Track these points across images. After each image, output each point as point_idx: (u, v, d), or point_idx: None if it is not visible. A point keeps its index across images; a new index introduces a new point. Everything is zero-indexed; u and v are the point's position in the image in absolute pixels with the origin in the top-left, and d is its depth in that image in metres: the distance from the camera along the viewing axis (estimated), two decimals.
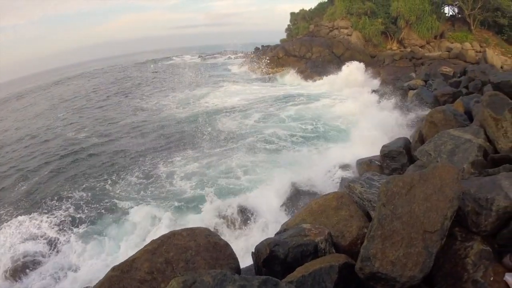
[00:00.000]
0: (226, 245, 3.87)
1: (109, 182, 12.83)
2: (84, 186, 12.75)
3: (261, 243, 4.18)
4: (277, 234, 5.02)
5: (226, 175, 11.88)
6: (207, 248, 3.69)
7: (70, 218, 10.57)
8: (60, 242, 9.38)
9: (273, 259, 3.99)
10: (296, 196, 7.78)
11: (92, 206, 11.15)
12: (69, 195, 12.08)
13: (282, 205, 7.84)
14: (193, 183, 11.82)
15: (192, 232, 3.84)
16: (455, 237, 3.80)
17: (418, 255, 3.30)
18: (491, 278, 3.24)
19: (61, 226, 10.16)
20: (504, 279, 3.18)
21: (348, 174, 8.80)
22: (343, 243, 4.46)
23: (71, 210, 11.07)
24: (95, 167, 14.62)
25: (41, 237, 9.61)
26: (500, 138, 5.88)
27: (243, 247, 7.00)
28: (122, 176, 13.20)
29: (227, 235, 7.40)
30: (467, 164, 5.55)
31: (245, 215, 8.23)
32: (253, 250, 4.23)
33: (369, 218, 4.58)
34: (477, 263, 3.44)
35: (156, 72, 49.54)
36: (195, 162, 13.48)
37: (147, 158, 14.77)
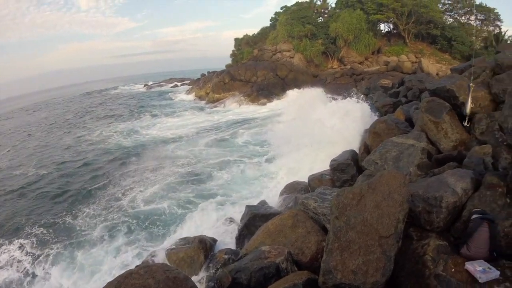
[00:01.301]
0: (186, 278, 3.69)
1: (68, 216, 12.09)
2: (42, 222, 11.90)
3: (222, 271, 4.08)
4: (237, 260, 4.92)
5: (183, 204, 11.55)
6: (167, 284, 3.48)
7: (29, 257, 9.86)
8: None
9: (236, 286, 3.89)
10: (253, 219, 7.70)
11: (53, 242, 10.45)
12: (29, 231, 11.28)
13: (240, 230, 7.75)
14: (151, 211, 11.42)
15: (149, 270, 3.63)
16: (411, 237, 3.95)
17: (377, 260, 3.37)
18: (453, 270, 3.38)
19: (19, 265, 9.53)
20: (465, 268, 3.34)
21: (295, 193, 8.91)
22: (304, 260, 4.46)
23: (28, 247, 10.34)
24: (49, 201, 13.76)
25: None
26: (441, 139, 6.30)
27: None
28: (79, 208, 12.53)
29: (186, 270, 7.10)
30: (413, 167, 5.85)
31: (204, 244, 8.01)
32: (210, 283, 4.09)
33: (326, 231, 4.63)
34: (436, 258, 3.58)
35: (100, 104, 47.86)
36: (141, 191, 13.08)
37: (97, 188, 14.23)
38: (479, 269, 3.21)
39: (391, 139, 6.98)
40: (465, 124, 6.13)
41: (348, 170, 8.16)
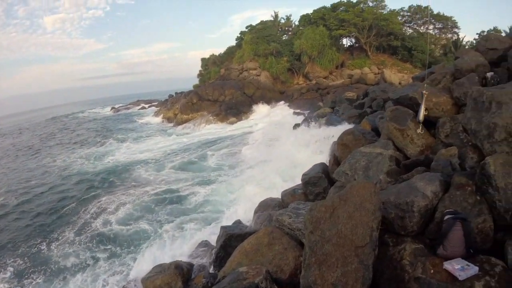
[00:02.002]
0: None
1: (44, 243, 11.64)
2: (17, 251, 11.40)
3: None
4: (216, 283, 4.77)
5: (154, 228, 11.22)
6: None
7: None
8: None
9: None
10: (229, 240, 7.55)
11: (30, 273, 9.98)
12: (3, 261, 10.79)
13: (217, 253, 7.56)
14: (120, 236, 11.12)
15: None
16: (387, 243, 3.97)
17: (356, 271, 3.35)
18: (432, 271, 3.40)
19: None
20: (444, 268, 3.37)
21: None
22: (283, 277, 4.38)
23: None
24: (20, 229, 13.23)
25: None
26: (408, 145, 6.48)
27: None
28: (50, 235, 12.12)
29: None
30: (382, 175, 5.95)
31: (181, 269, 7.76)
32: None
33: (303, 246, 4.58)
34: (413, 262, 3.60)
35: (66, 129, 46.34)
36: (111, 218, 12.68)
37: (66, 214, 13.93)
38: (458, 267, 3.26)
39: (359, 149, 7.10)
40: (419, 131, 6.35)
41: (319, 183, 8.19)
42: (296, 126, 17.46)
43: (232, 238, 6.41)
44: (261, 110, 32.39)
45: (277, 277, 4.37)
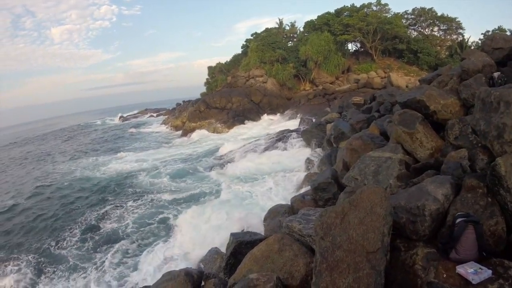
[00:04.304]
0: None
1: (52, 242, 12.06)
2: (30, 249, 11.88)
3: None
4: None
5: (161, 233, 11.34)
6: None
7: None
8: None
9: None
10: (239, 247, 7.54)
11: (46, 271, 10.37)
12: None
13: (227, 259, 7.54)
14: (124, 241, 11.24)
15: None
16: (399, 248, 3.92)
17: (367, 276, 3.31)
18: (444, 276, 3.36)
19: None
20: (456, 272, 3.32)
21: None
22: (294, 283, 4.35)
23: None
24: (31, 229, 13.77)
25: None
26: (417, 149, 6.41)
27: None
28: (59, 237, 12.49)
29: None
30: (392, 179, 5.90)
31: (191, 277, 7.76)
32: None
33: (314, 252, 4.55)
34: (426, 266, 3.56)
35: (72, 139, 46.90)
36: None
37: (73, 216, 14.43)
38: (471, 271, 3.22)
39: (368, 154, 7.06)
40: None
41: (329, 188, 8.15)
42: None
43: (242, 245, 6.38)
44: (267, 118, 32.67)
45: (287, 284, 4.35)
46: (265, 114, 33.51)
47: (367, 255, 3.41)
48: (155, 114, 65.16)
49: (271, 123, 30.52)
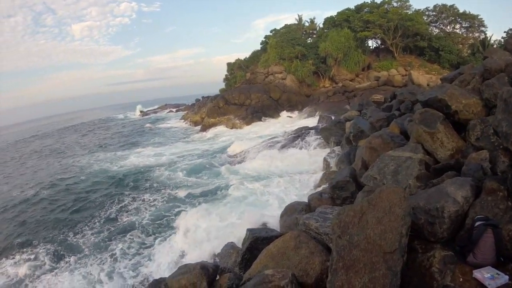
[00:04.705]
0: None
1: (70, 233, 12.48)
2: (48, 237, 12.39)
3: None
4: (241, 285, 4.82)
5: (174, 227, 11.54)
6: None
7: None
8: None
9: None
10: (255, 242, 7.59)
11: (63, 257, 10.82)
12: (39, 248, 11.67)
13: (242, 255, 7.59)
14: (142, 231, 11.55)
15: None
16: (416, 250, 3.89)
17: (383, 277, 3.30)
18: (461, 279, 3.33)
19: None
20: (473, 276, 3.28)
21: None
22: (309, 281, 4.37)
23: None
24: (50, 219, 14.31)
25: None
26: (438, 149, 6.30)
27: None
28: (80, 227, 12.94)
29: None
30: (412, 179, 5.82)
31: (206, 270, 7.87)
32: None
33: (330, 251, 4.54)
34: (443, 269, 3.52)
35: (93, 132, 47.97)
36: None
37: (91, 207, 14.98)
38: (487, 276, 3.17)
39: (387, 153, 6.98)
40: None
41: (347, 187, 8.11)
42: None
43: (258, 240, 6.43)
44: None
45: (302, 281, 4.36)
46: (284, 111, 33.41)
47: (384, 255, 3.40)
48: (174, 110, 65.88)
49: (289, 121, 30.41)
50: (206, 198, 13.71)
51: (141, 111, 73.61)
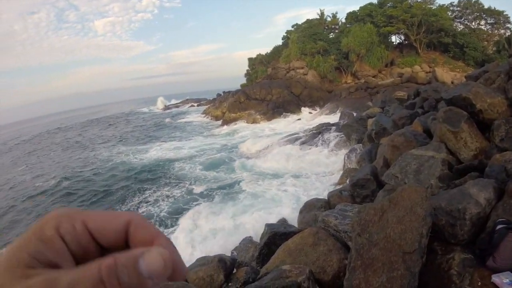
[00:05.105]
0: None
1: None
2: None
3: None
4: (258, 279, 4.86)
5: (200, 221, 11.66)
6: None
7: None
8: None
9: None
10: (273, 238, 7.64)
11: None
12: None
13: (260, 249, 7.66)
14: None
15: None
16: (436, 251, 3.82)
17: (402, 277, 3.27)
18: (479, 284, 3.27)
19: None
20: (492, 281, 3.21)
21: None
22: (326, 278, 4.38)
23: None
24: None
25: None
26: (461, 149, 6.15)
27: None
28: None
29: None
30: (434, 179, 5.70)
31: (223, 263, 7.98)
32: None
33: (348, 249, 4.53)
34: (461, 272, 3.46)
35: (114, 126, 49.12)
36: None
37: (110, 199, 15.62)
38: (506, 281, 3.10)
39: (410, 151, 6.85)
40: None
41: (368, 185, 8.01)
42: None
43: (277, 236, 6.46)
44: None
45: (319, 278, 4.37)
46: (305, 107, 33.22)
47: (403, 255, 3.37)
48: (195, 104, 66.50)
49: (310, 117, 30.26)
50: (223, 192, 13.85)
51: (164, 105, 74.65)
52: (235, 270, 6.17)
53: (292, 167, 15.44)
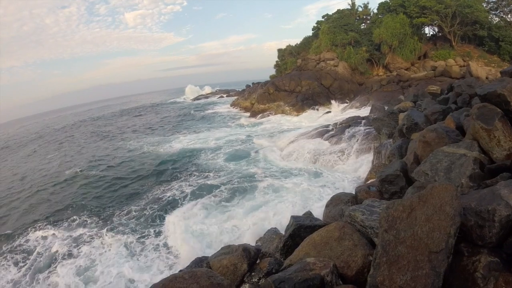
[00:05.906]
0: (230, 285, 3.76)
1: (117, 209, 13.75)
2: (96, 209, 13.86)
3: (266, 281, 4.09)
4: (281, 270, 4.91)
5: (223, 213, 11.80)
6: None
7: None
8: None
9: None
10: (298, 230, 7.65)
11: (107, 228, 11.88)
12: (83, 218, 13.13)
13: (285, 241, 7.69)
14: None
15: (194, 275, 3.73)
16: (462, 253, 3.73)
17: (426, 277, 3.22)
18: None
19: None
20: None
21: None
22: (350, 273, 4.36)
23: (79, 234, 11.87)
24: (98, 195, 15.92)
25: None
26: (494, 148, 5.88)
27: None
28: (127, 203, 14.21)
29: (229, 278, 7.24)
30: (464, 178, 5.52)
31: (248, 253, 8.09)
32: None
33: (373, 245, 4.50)
34: (486, 276, 3.37)
35: (146, 116, 50.33)
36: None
37: (135, 188, 16.18)
38: None
39: (441, 148, 6.64)
40: None
41: (397, 181, 7.86)
42: None
43: (302, 228, 6.47)
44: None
45: (343, 273, 4.36)
46: (335, 100, 32.73)
47: (429, 254, 3.31)
48: (225, 95, 67.04)
49: (340, 109, 29.82)
50: (246, 184, 13.98)
51: (195, 95, 75.72)
52: (258, 261, 6.26)
53: (320, 161, 15.33)
